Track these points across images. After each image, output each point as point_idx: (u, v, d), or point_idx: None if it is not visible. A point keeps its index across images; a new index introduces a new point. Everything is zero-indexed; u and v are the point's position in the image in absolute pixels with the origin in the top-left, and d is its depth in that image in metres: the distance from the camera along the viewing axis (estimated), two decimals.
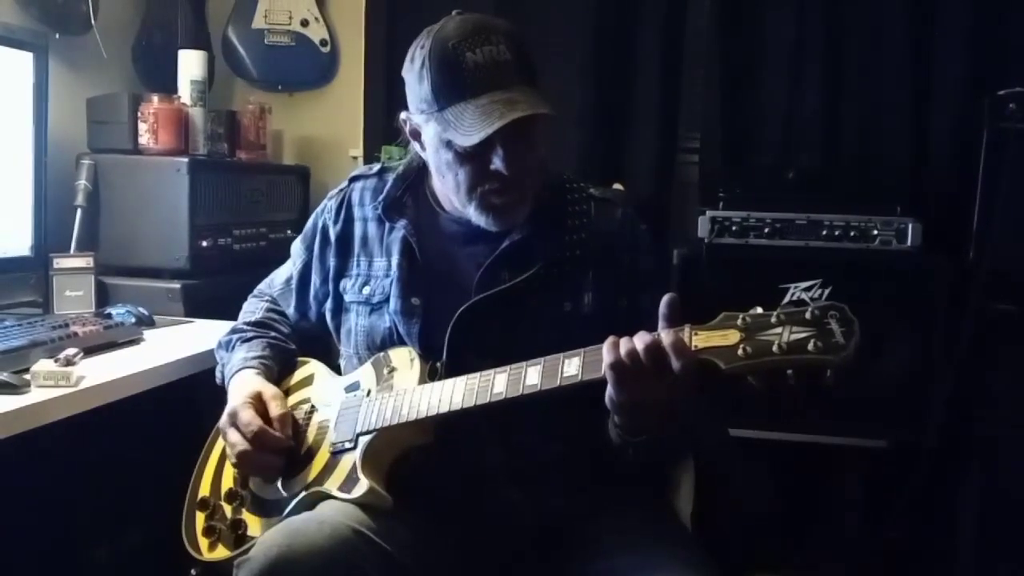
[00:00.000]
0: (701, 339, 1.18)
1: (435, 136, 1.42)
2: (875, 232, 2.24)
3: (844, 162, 2.58)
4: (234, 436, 1.43)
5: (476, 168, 1.40)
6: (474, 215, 1.45)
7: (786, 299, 2.16)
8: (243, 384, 1.50)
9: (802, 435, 2.24)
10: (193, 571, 1.50)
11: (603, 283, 1.48)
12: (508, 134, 1.34)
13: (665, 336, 1.19)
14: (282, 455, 1.44)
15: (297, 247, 1.69)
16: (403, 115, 1.49)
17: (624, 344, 1.21)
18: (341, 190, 1.64)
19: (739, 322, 1.17)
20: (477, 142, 1.35)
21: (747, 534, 2.25)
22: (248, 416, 1.42)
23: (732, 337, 1.16)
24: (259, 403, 1.46)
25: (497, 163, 1.37)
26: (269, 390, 1.49)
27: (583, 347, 1.27)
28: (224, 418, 1.46)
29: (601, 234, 1.51)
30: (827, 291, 2.20)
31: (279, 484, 1.45)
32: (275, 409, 1.46)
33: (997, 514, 2.22)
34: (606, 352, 1.22)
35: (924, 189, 2.48)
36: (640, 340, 1.20)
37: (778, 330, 1.14)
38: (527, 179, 1.43)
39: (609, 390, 1.24)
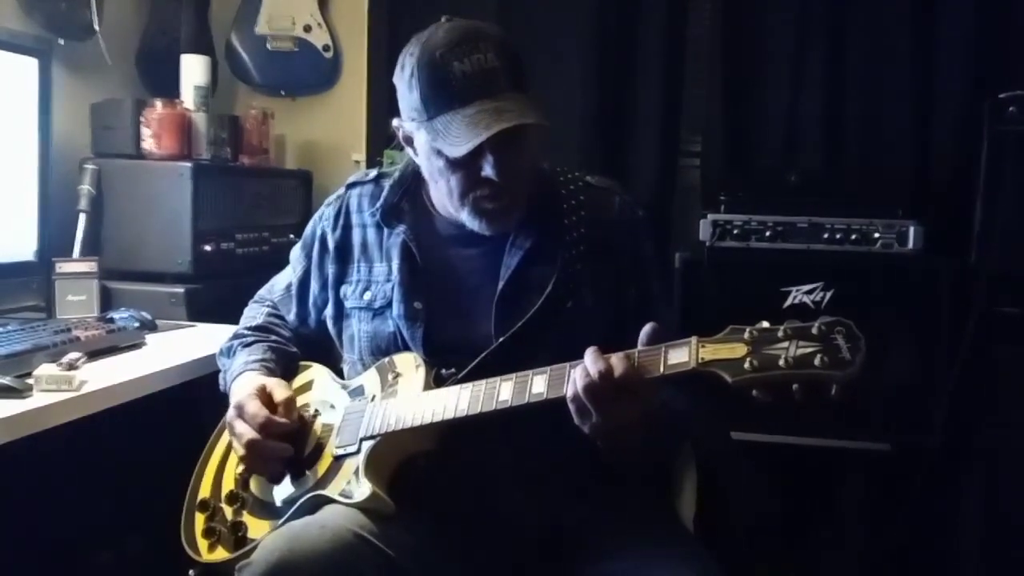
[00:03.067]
0: (708, 351, 1.18)
1: (426, 144, 1.42)
2: (877, 235, 2.24)
3: (845, 165, 2.58)
4: (241, 427, 1.43)
5: (467, 175, 1.40)
6: (468, 220, 1.45)
7: (787, 302, 2.19)
8: (246, 383, 1.50)
9: (805, 438, 2.24)
10: (191, 572, 1.50)
11: (604, 275, 1.49)
12: (498, 141, 1.34)
13: (617, 366, 1.21)
14: (290, 442, 1.44)
15: (296, 254, 1.69)
16: (395, 122, 1.50)
17: (580, 380, 1.23)
18: (338, 196, 1.64)
19: (746, 335, 1.17)
20: (464, 153, 1.35)
21: (750, 537, 2.25)
22: (255, 407, 1.43)
23: (739, 350, 1.17)
24: (264, 395, 1.47)
25: (488, 170, 1.38)
26: (272, 380, 1.50)
27: (586, 342, 1.27)
28: (230, 411, 1.47)
29: (599, 224, 1.51)
30: (829, 294, 2.21)
31: (281, 487, 1.46)
32: (279, 395, 1.46)
33: (1000, 517, 2.21)
34: (568, 388, 1.24)
35: (925, 191, 2.48)
36: (594, 368, 1.22)
37: (784, 344, 1.15)
38: (519, 184, 1.44)
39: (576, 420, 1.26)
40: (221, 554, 1.45)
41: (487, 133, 1.33)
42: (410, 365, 1.45)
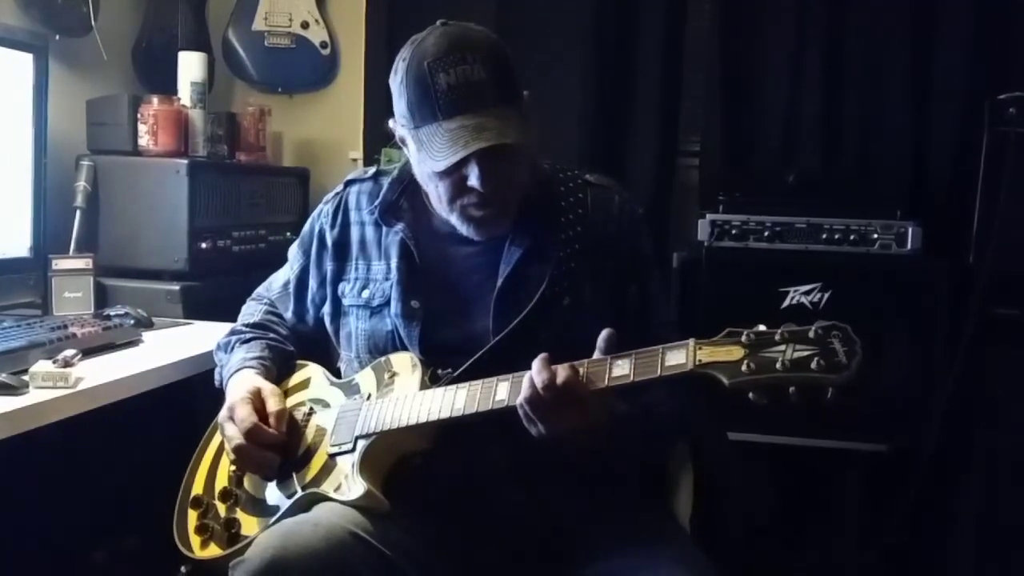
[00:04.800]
0: (705, 353, 1.19)
1: (415, 150, 1.43)
2: (875, 236, 2.24)
3: (844, 165, 2.58)
4: (231, 430, 1.43)
5: (454, 183, 1.40)
6: (457, 224, 1.46)
7: (785, 303, 2.19)
8: (242, 382, 1.50)
9: (802, 439, 2.24)
10: (183, 568, 1.49)
11: (602, 273, 1.49)
12: (484, 152, 1.34)
13: (560, 375, 1.24)
14: (278, 452, 1.44)
15: (294, 251, 1.69)
16: (391, 123, 1.50)
17: (525, 388, 1.26)
18: (337, 194, 1.64)
19: (743, 338, 1.18)
20: (443, 168, 1.36)
21: (746, 537, 2.25)
22: (245, 412, 1.43)
23: (736, 353, 1.17)
24: (257, 399, 1.46)
25: (473, 180, 1.37)
26: (267, 387, 1.50)
27: (586, 340, 1.28)
28: (223, 412, 1.47)
29: (598, 223, 1.51)
30: (827, 295, 2.20)
31: (275, 484, 1.45)
32: (272, 405, 1.46)
33: (997, 518, 2.21)
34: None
35: (924, 193, 2.48)
36: (538, 378, 1.24)
37: (781, 348, 1.16)
38: (506, 193, 1.43)
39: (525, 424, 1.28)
40: (214, 551, 1.45)
41: (463, 152, 1.33)
42: (406, 364, 1.45)
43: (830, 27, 2.58)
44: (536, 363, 1.26)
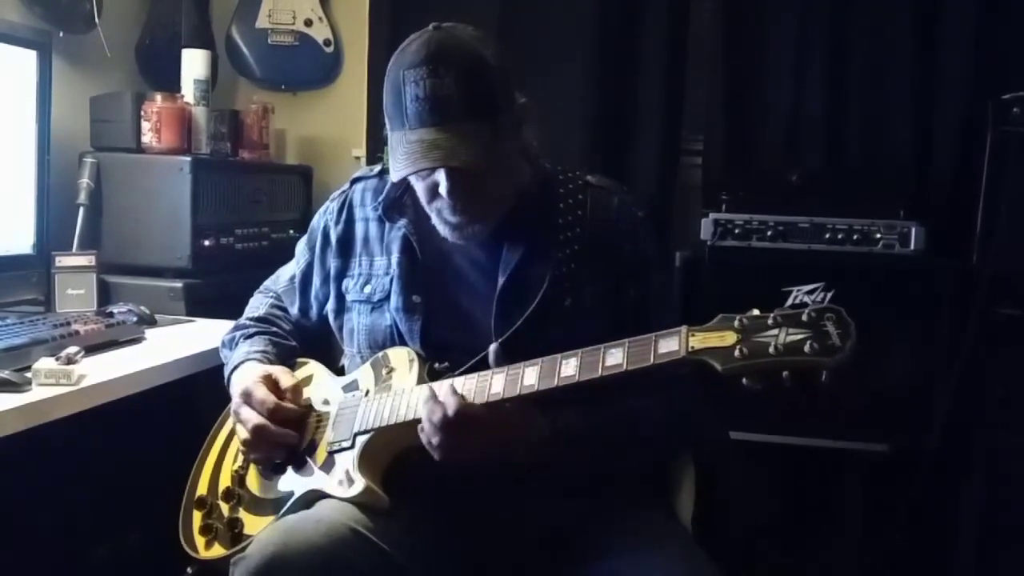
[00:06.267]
0: (698, 340, 1.18)
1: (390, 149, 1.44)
2: (878, 235, 2.23)
3: (847, 165, 2.57)
4: (248, 413, 1.44)
5: (428, 187, 1.42)
6: (435, 224, 1.46)
7: (788, 302, 2.19)
8: (249, 371, 1.51)
9: (804, 439, 2.24)
10: (189, 569, 1.50)
11: (603, 275, 1.48)
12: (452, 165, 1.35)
13: (450, 405, 1.27)
14: (296, 430, 1.45)
15: (301, 247, 1.70)
16: None
17: (427, 426, 1.29)
18: (343, 191, 1.64)
19: (736, 324, 1.17)
20: (397, 179, 1.39)
21: (748, 537, 2.25)
22: (263, 393, 1.44)
23: (729, 338, 1.16)
24: (270, 382, 1.48)
25: (441, 189, 1.38)
26: (276, 368, 1.51)
27: (586, 341, 1.27)
28: (236, 399, 1.47)
29: (598, 223, 1.50)
30: (830, 294, 2.20)
31: (275, 482, 1.46)
32: (286, 382, 1.48)
33: (998, 520, 2.21)
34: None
35: (928, 192, 2.47)
36: (434, 414, 1.28)
37: (774, 332, 1.14)
38: (478, 203, 1.41)
39: None
40: (218, 551, 1.46)
41: (412, 168, 1.35)
42: (404, 360, 1.45)
43: (833, 26, 2.58)
44: (423, 398, 1.31)
